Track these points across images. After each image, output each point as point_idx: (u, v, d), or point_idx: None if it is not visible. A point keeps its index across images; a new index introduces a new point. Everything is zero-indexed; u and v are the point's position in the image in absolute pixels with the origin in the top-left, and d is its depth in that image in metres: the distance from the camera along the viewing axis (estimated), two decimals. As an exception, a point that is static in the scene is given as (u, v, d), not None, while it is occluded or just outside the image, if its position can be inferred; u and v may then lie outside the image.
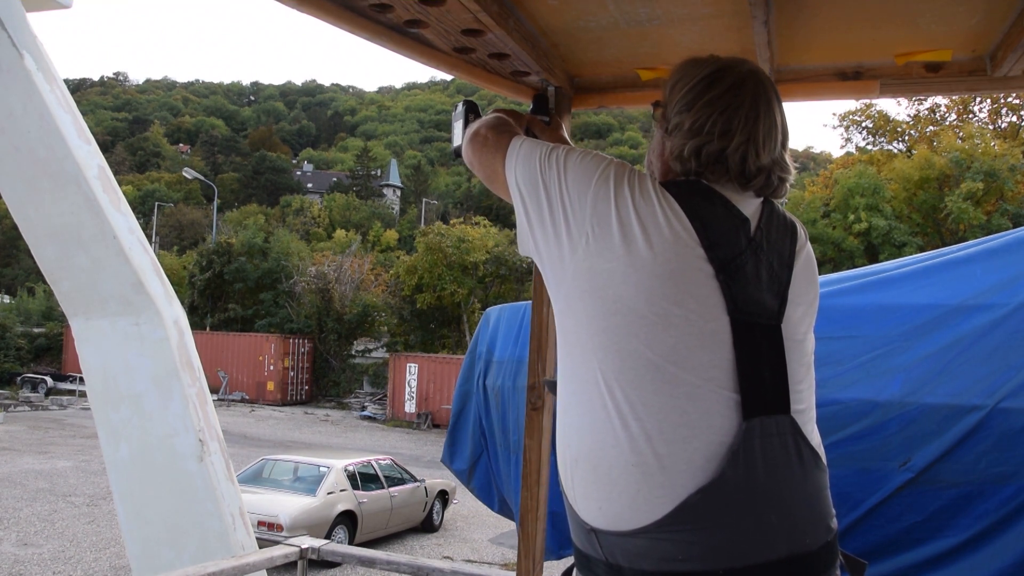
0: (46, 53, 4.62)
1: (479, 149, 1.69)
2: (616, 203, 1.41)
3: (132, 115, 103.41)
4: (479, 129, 1.71)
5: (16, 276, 53.59)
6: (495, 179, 1.65)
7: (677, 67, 1.57)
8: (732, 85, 1.48)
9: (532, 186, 1.52)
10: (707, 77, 1.50)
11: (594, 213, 1.42)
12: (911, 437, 2.72)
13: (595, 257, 1.40)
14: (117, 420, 4.74)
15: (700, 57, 1.56)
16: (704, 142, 1.47)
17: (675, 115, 1.52)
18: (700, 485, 1.31)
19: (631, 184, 1.43)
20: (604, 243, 1.40)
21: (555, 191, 1.48)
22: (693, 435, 1.33)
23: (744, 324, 1.40)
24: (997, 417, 2.62)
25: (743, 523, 1.33)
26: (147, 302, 4.60)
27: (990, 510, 2.61)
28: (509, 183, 1.58)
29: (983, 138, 27.55)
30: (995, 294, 2.81)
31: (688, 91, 1.51)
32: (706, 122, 1.47)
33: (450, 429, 4.28)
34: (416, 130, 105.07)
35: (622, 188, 1.43)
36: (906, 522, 2.70)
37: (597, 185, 1.44)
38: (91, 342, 4.80)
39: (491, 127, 1.70)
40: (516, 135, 1.68)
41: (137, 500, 4.68)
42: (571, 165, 1.49)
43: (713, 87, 1.49)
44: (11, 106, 4.50)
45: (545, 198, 1.50)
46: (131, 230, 4.69)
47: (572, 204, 1.45)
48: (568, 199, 1.46)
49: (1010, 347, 2.69)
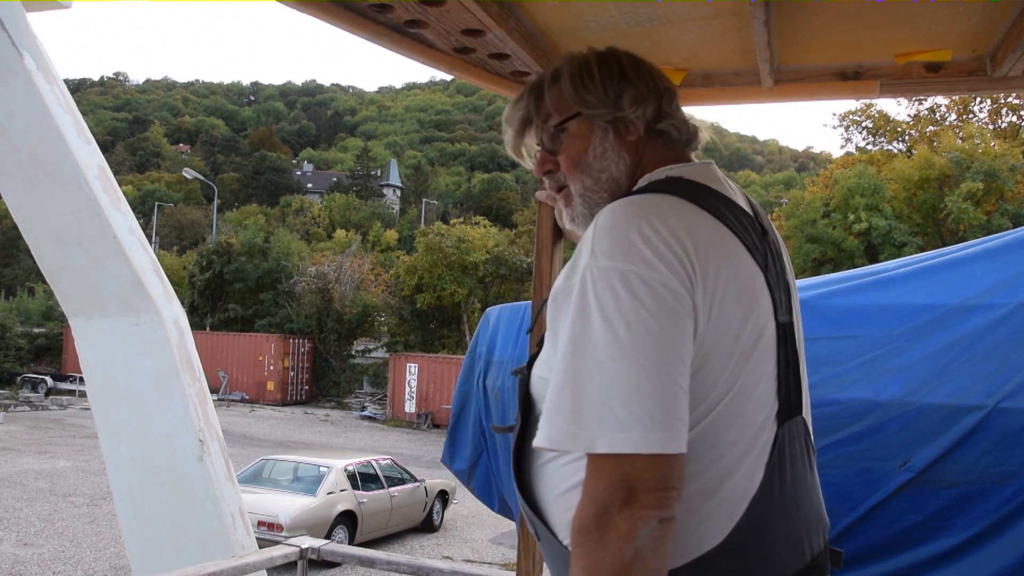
0: (46, 53, 4.62)
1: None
2: (691, 299, 1.19)
3: (132, 115, 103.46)
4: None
5: (16, 276, 53.58)
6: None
7: (567, 70, 1.42)
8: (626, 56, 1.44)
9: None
10: (602, 58, 1.43)
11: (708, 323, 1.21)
12: (911, 437, 2.72)
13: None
14: (117, 420, 4.74)
15: (567, 58, 1.46)
16: (656, 103, 1.39)
17: (618, 94, 1.38)
18: (748, 505, 1.23)
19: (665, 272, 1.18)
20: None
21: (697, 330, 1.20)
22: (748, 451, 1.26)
23: (780, 324, 1.29)
24: (997, 417, 2.62)
25: (779, 534, 1.27)
26: (147, 302, 4.60)
27: (990, 510, 2.61)
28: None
29: (983, 138, 27.53)
30: (995, 294, 2.81)
31: (618, 68, 1.42)
32: (641, 86, 1.40)
33: (450, 429, 4.28)
34: (416, 130, 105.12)
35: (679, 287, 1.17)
36: (906, 522, 2.70)
37: (679, 316, 1.17)
38: (91, 342, 4.80)
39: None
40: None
41: (137, 500, 4.68)
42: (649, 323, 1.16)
43: (615, 62, 1.43)
44: (11, 106, 4.50)
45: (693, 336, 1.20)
46: (131, 230, 4.68)
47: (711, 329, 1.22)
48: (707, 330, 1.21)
49: (1010, 347, 2.69)
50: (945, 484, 2.68)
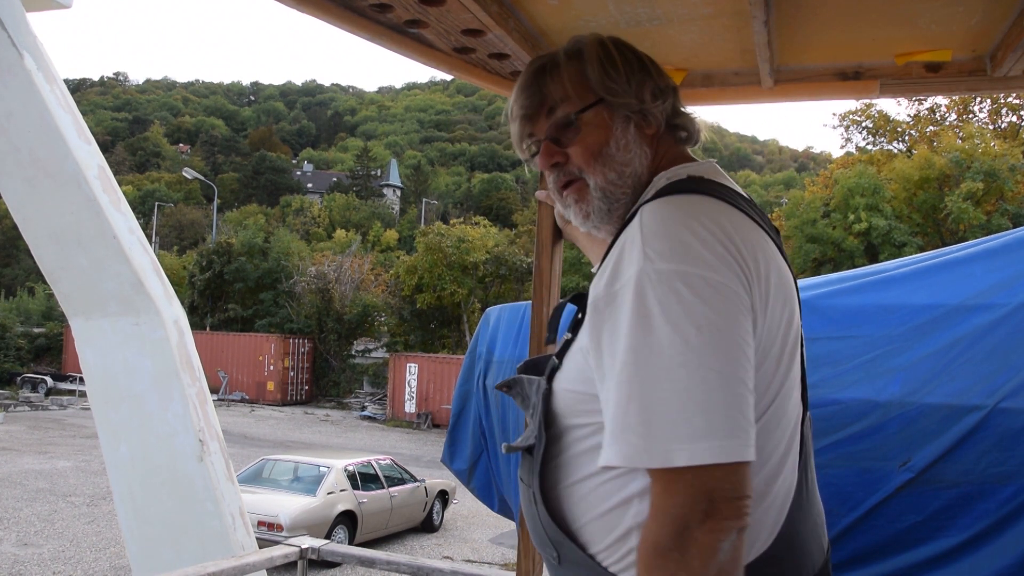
0: (46, 53, 4.62)
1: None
2: (750, 299, 1.15)
3: (132, 115, 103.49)
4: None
5: (16, 276, 53.59)
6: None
7: (592, 52, 1.34)
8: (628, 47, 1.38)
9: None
10: (619, 45, 1.36)
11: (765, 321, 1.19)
12: (911, 437, 2.72)
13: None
14: (117, 420, 4.74)
15: (569, 45, 1.38)
16: (673, 98, 1.36)
17: (640, 84, 1.33)
18: (788, 508, 1.22)
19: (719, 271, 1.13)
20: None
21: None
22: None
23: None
24: (997, 417, 2.62)
25: (808, 534, 1.27)
26: (147, 302, 4.60)
27: (990, 510, 2.61)
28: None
29: (983, 138, 27.53)
30: (995, 294, 2.80)
31: (636, 57, 1.36)
32: (659, 79, 1.35)
33: (450, 429, 4.28)
34: (416, 130, 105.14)
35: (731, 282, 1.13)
36: (906, 522, 2.70)
37: (743, 317, 1.14)
38: (91, 342, 4.80)
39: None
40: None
41: (137, 500, 4.68)
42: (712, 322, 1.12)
43: (631, 52, 1.37)
44: (11, 106, 4.50)
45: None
46: (131, 230, 4.68)
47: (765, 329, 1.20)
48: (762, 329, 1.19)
49: (1010, 347, 2.69)
50: (945, 484, 2.68)
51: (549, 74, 1.36)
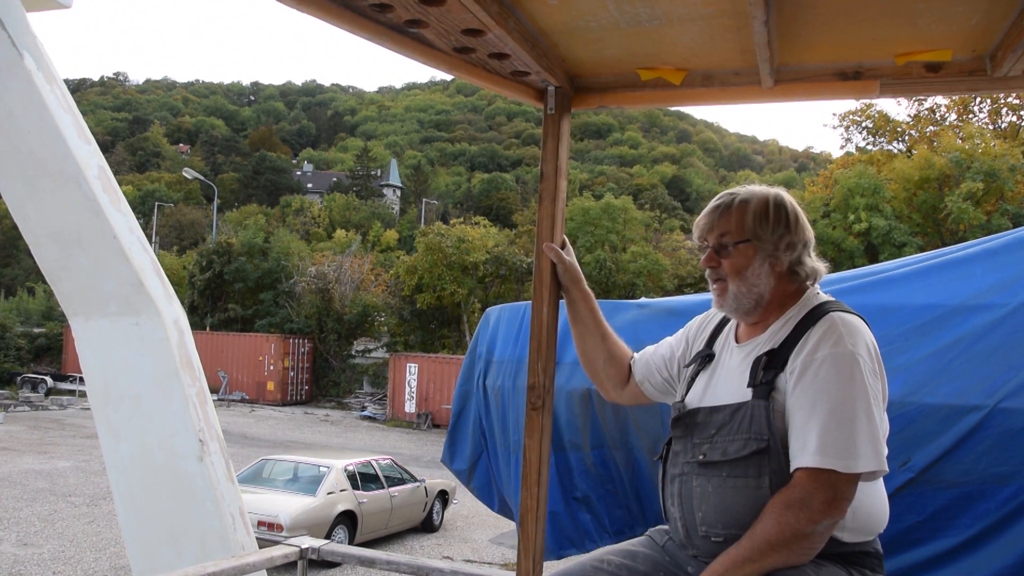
0: (46, 53, 4.61)
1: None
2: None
3: (132, 115, 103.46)
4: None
5: (16, 276, 53.60)
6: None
7: (753, 208, 1.98)
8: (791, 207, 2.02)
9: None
10: (778, 205, 1.98)
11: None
12: (911, 437, 2.72)
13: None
14: (117, 420, 4.74)
15: (758, 194, 2.00)
16: (801, 251, 1.99)
17: (779, 238, 1.96)
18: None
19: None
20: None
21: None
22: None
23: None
24: (997, 417, 2.62)
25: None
26: (147, 302, 4.59)
27: (990, 510, 2.61)
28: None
29: (983, 138, 27.55)
30: (995, 294, 2.80)
31: (784, 218, 1.98)
32: (795, 235, 1.98)
33: (450, 429, 4.27)
34: (416, 130, 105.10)
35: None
36: (906, 522, 2.70)
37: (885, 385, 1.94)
38: (91, 342, 4.80)
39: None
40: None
41: (137, 500, 4.68)
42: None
43: (783, 212, 1.99)
44: (11, 106, 4.49)
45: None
46: (131, 230, 4.68)
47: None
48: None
49: (1010, 347, 2.69)
50: (945, 484, 2.68)
51: (727, 209, 2.02)
